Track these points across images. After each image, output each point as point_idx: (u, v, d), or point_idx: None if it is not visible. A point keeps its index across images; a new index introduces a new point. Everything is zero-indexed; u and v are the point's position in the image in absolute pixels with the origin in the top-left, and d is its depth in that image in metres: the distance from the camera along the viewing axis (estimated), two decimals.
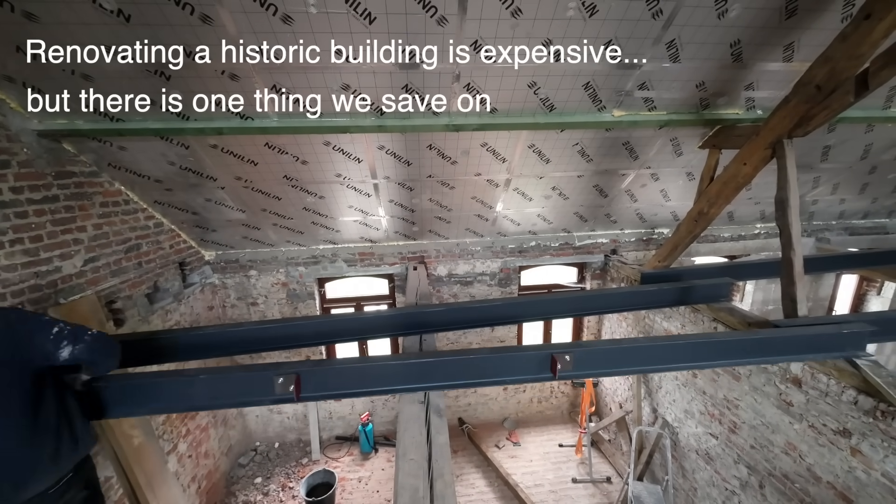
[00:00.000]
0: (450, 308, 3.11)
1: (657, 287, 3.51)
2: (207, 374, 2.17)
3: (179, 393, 2.16)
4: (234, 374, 2.17)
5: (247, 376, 2.15)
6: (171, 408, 2.53)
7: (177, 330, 2.79)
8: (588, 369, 2.37)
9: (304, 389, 2.12)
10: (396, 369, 2.28)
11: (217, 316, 5.29)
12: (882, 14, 2.14)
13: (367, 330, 3.07)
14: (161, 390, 2.14)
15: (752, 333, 2.56)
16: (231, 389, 2.17)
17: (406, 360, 2.29)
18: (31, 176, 2.83)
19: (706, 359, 2.47)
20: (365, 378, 2.25)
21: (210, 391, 2.17)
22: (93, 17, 2.24)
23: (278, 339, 2.81)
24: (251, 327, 2.81)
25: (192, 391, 2.15)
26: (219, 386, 2.17)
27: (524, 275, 6.08)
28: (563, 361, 2.21)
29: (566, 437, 5.97)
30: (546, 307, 3.35)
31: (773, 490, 3.31)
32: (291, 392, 2.05)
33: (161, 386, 2.13)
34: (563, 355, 2.21)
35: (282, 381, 2.05)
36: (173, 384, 2.15)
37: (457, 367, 2.27)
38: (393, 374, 2.27)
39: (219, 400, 2.24)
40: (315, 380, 2.15)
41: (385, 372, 2.28)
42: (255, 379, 2.13)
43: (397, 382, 2.28)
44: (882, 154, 4.55)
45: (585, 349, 2.31)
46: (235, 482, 5.29)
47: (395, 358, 2.36)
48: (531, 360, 2.28)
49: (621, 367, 2.50)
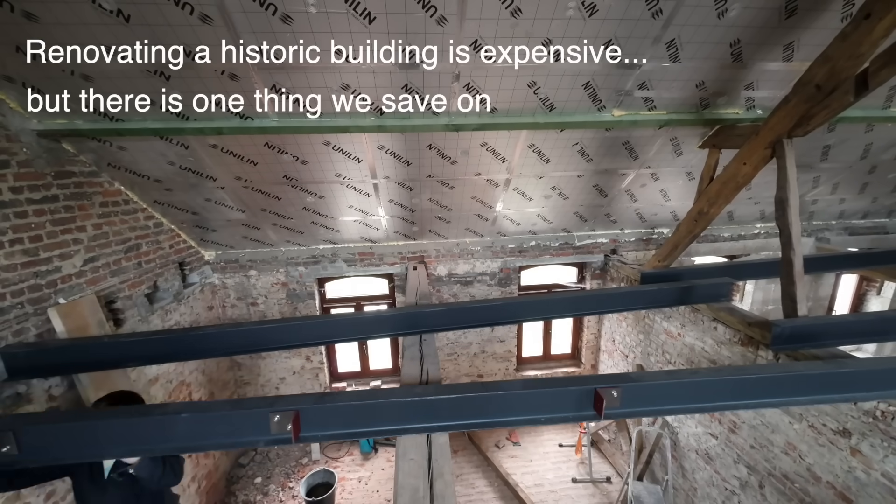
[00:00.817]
0: (449, 308, 3.08)
1: (657, 287, 3.50)
2: (191, 411, 1.92)
3: (155, 436, 1.93)
4: (223, 411, 1.92)
5: (237, 415, 1.91)
6: (149, 450, 2.10)
7: (176, 330, 2.75)
8: (640, 406, 2.05)
9: (303, 428, 1.92)
10: (409, 407, 2.00)
11: (217, 316, 5.29)
12: (882, 13, 2.14)
13: (366, 330, 3.03)
14: (131, 433, 1.91)
15: (837, 365, 2.17)
16: (219, 429, 1.93)
17: (421, 398, 2.00)
18: (30, 176, 2.82)
19: (784, 395, 2.08)
20: (374, 416, 2.01)
21: (194, 432, 1.93)
22: (93, 17, 2.24)
23: (278, 339, 2.78)
24: (251, 327, 2.77)
25: (173, 432, 1.91)
26: (205, 426, 1.92)
27: (524, 275, 6.08)
28: (609, 398, 1.90)
29: (566, 437, 5.96)
30: (546, 307, 3.35)
31: (773, 490, 3.31)
32: (289, 432, 1.84)
33: (134, 428, 1.90)
34: (610, 390, 1.92)
35: (278, 419, 1.84)
36: (147, 425, 1.91)
37: (479, 404, 1.99)
38: (406, 413, 2.02)
39: (205, 441, 1.96)
40: (316, 417, 1.94)
41: (397, 409, 2.01)
42: (246, 418, 1.90)
43: (412, 421, 2.02)
44: (882, 154, 4.55)
45: (637, 383, 2.00)
46: (235, 482, 5.29)
47: (409, 394, 2.05)
48: (570, 397, 1.99)
49: (680, 405, 2.10)
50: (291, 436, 1.85)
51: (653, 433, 4.77)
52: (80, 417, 2.02)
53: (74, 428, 1.91)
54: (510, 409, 2.01)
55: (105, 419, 1.95)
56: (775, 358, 3.09)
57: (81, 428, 1.91)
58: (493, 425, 2.06)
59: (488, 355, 6.19)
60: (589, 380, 2.04)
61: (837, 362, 2.26)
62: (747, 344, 3.41)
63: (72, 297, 3.05)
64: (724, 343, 3.69)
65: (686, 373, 2.16)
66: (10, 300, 2.63)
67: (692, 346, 4.17)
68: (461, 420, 2.03)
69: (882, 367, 2.16)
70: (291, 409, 1.87)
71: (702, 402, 2.09)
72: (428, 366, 2.70)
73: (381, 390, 2.07)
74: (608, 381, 2.01)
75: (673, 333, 4.49)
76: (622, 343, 5.69)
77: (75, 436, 1.91)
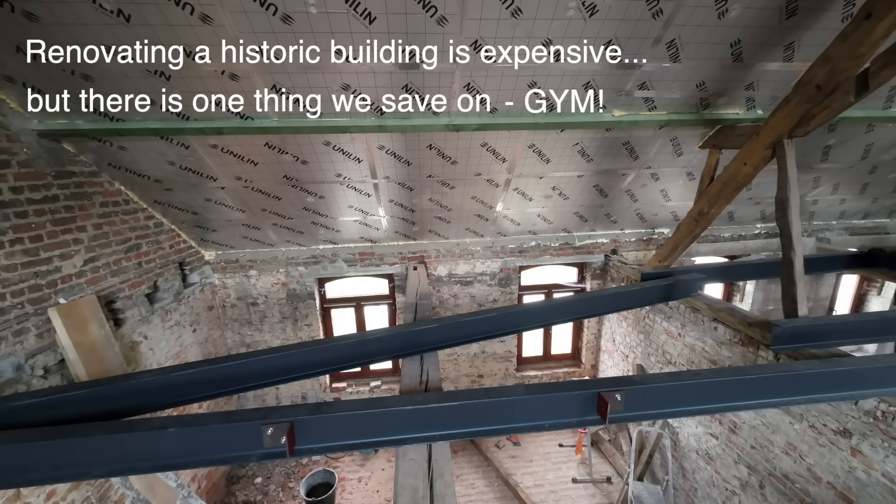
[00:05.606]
0: (449, 323, 2.93)
1: (639, 287, 3.66)
2: (178, 425, 1.80)
3: (139, 453, 1.81)
4: (214, 425, 1.81)
5: (228, 428, 1.80)
6: (131, 469, 1.92)
7: (144, 373, 2.41)
8: (643, 409, 2.03)
9: (298, 441, 1.83)
10: (409, 416, 1.94)
11: (217, 316, 5.29)
12: (882, 14, 2.14)
13: (364, 355, 2.85)
14: (114, 450, 1.79)
15: (837, 364, 2.19)
16: (208, 444, 1.82)
17: (422, 406, 1.94)
18: (30, 176, 2.83)
19: (785, 395, 2.07)
20: (373, 426, 1.93)
21: (182, 448, 1.82)
22: (93, 17, 2.24)
23: (271, 372, 2.53)
24: (240, 361, 2.52)
25: (159, 449, 1.80)
26: (193, 441, 1.81)
27: (524, 275, 6.07)
28: (613, 401, 1.88)
29: (566, 437, 5.96)
30: (544, 315, 3.38)
31: (774, 490, 3.31)
32: (283, 445, 1.75)
33: (117, 444, 1.79)
34: (614, 394, 1.89)
35: (272, 431, 1.74)
36: (131, 441, 1.79)
37: (480, 411, 1.93)
38: (406, 421, 1.94)
39: (193, 458, 1.86)
40: (312, 429, 1.85)
41: (396, 419, 1.94)
42: (238, 431, 1.79)
43: (411, 431, 1.95)
44: (882, 154, 4.54)
45: (640, 386, 1.98)
46: (235, 482, 5.29)
47: (409, 402, 1.98)
48: (573, 402, 1.96)
49: (685, 407, 2.09)
50: (286, 449, 1.76)
51: (653, 433, 4.76)
52: (57, 435, 1.84)
53: (50, 447, 1.77)
54: (513, 416, 1.97)
55: (84, 436, 1.81)
56: (776, 358, 3.08)
57: (57, 447, 1.78)
58: (496, 433, 2.02)
59: (488, 356, 6.18)
60: (592, 384, 2.01)
61: (837, 361, 2.27)
62: (748, 344, 3.41)
63: (72, 297, 3.05)
64: (725, 343, 3.69)
65: (688, 374, 2.16)
66: (10, 300, 2.63)
67: (692, 347, 4.16)
68: (463, 428, 1.98)
69: (881, 364, 2.17)
70: (286, 422, 1.77)
71: (704, 404, 2.09)
72: (428, 366, 2.70)
73: (381, 399, 1.99)
74: (611, 384, 1.98)
75: (673, 334, 4.48)
76: (622, 343, 5.69)
77: (51, 455, 1.78)
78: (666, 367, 4.67)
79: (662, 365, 4.74)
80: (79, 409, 2.24)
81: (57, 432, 1.87)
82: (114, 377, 2.48)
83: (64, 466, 1.81)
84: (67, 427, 1.93)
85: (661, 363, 4.76)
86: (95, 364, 3.05)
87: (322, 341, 2.75)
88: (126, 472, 1.94)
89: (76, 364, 2.92)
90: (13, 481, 1.80)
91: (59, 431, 1.87)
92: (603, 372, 6.30)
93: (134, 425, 1.88)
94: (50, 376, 2.87)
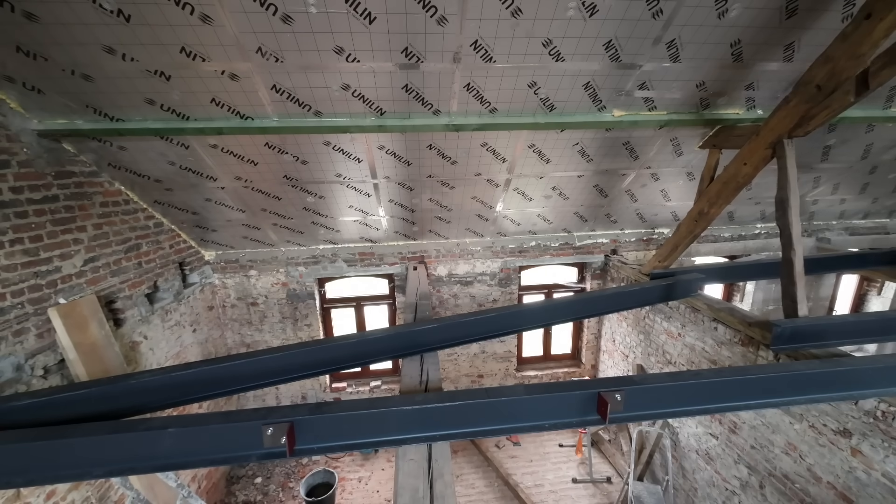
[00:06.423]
0: (446, 324, 2.93)
1: (639, 287, 3.64)
2: (178, 425, 1.79)
3: (138, 453, 1.81)
4: (213, 425, 1.80)
5: (229, 428, 1.80)
6: (131, 469, 1.91)
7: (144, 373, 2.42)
8: (643, 410, 2.03)
9: (298, 441, 1.83)
10: (409, 416, 1.94)
11: (217, 316, 5.29)
12: (882, 14, 2.14)
13: (364, 355, 2.84)
14: (113, 450, 1.79)
15: (837, 364, 2.19)
16: (208, 445, 1.82)
17: (422, 406, 1.94)
18: (31, 176, 2.83)
19: (786, 395, 2.08)
20: (373, 427, 1.93)
21: (181, 448, 1.81)
22: (93, 17, 2.24)
23: (271, 372, 2.53)
24: (240, 361, 2.51)
25: (158, 449, 1.79)
26: (193, 441, 1.81)
27: (524, 275, 6.07)
28: (613, 401, 1.88)
29: (566, 437, 5.96)
30: (544, 315, 3.37)
31: (774, 490, 3.31)
32: (283, 445, 1.74)
33: (116, 444, 1.78)
34: (614, 394, 1.89)
35: (271, 431, 1.74)
36: (130, 441, 1.79)
37: (481, 411, 1.94)
38: (406, 421, 1.94)
39: (193, 458, 1.87)
40: (312, 429, 1.84)
41: (397, 419, 1.94)
42: (238, 431, 1.79)
43: (411, 431, 1.95)
44: (882, 154, 4.54)
45: (640, 386, 1.97)
46: (235, 482, 5.29)
47: (409, 402, 1.98)
48: (573, 402, 1.96)
49: (685, 407, 2.08)
50: (286, 449, 1.76)
51: (653, 433, 4.76)
52: (57, 435, 1.83)
53: (50, 447, 1.77)
54: (513, 416, 1.97)
55: (84, 436, 1.80)
56: (776, 358, 3.08)
57: (57, 447, 1.77)
58: (496, 433, 2.01)
59: (488, 355, 6.19)
60: (592, 384, 2.00)
61: (837, 361, 2.27)
62: (748, 344, 3.41)
63: (72, 297, 3.06)
64: (725, 343, 3.69)
65: (688, 374, 2.15)
66: (10, 300, 2.63)
67: (692, 347, 4.16)
68: (463, 428, 1.98)
69: (881, 364, 2.17)
70: (286, 422, 1.77)
71: (705, 404, 2.09)
72: (428, 366, 2.70)
73: (381, 399, 1.99)
74: (611, 384, 1.97)
75: (673, 334, 4.48)
76: (622, 343, 5.69)
77: (51, 455, 1.77)
78: (666, 367, 4.67)
79: (662, 365, 4.74)
80: (79, 409, 2.24)
81: (57, 432, 1.85)
82: (114, 377, 2.46)
83: (64, 466, 1.80)
84: (67, 427, 1.92)
85: (661, 363, 4.76)
86: (95, 364, 3.05)
87: (322, 341, 2.73)
88: (126, 472, 1.93)
89: (76, 364, 2.92)
90: (13, 481, 1.79)
91: (60, 431, 1.86)
92: (603, 372, 6.30)
93: (134, 425, 1.87)
94: (50, 376, 2.87)
